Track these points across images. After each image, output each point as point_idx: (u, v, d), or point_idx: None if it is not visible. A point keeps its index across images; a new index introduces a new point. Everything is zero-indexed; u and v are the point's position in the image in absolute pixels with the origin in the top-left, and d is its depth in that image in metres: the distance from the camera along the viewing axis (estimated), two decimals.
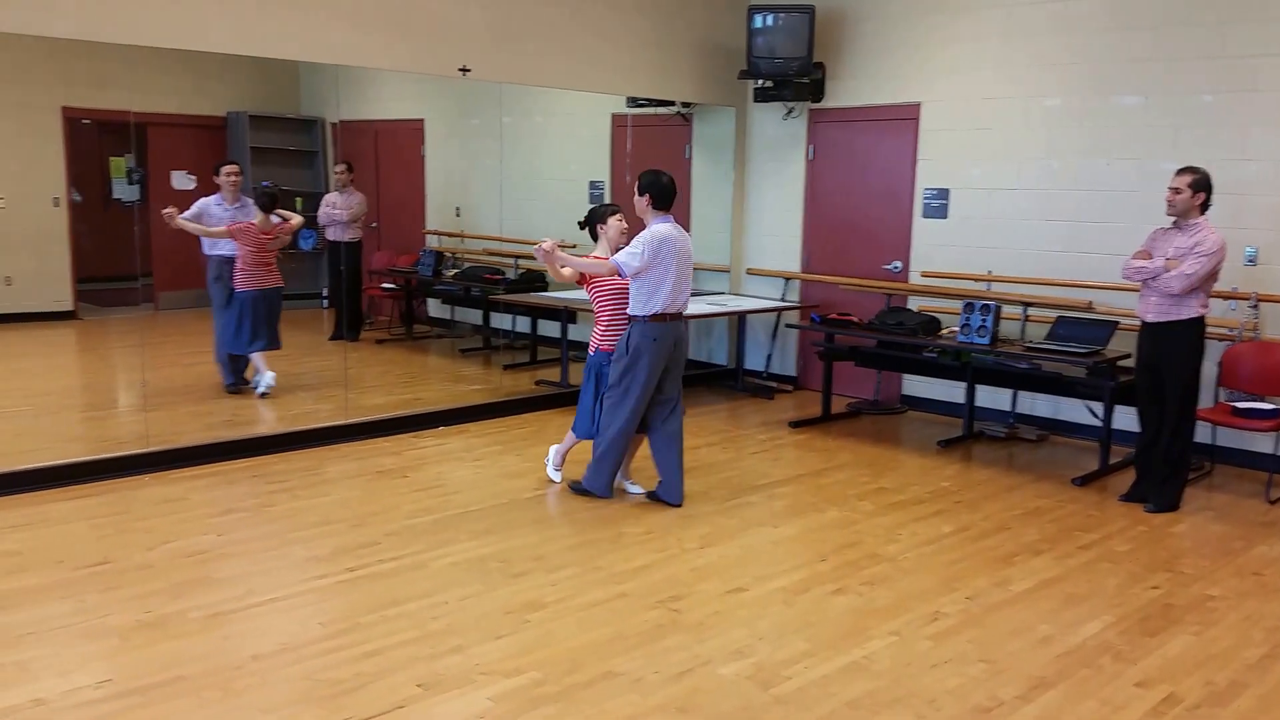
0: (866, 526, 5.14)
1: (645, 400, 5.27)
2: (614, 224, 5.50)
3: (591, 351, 5.50)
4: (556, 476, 5.70)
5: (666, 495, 5.39)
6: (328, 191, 8.98)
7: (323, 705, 3.26)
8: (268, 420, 6.84)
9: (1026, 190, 7.15)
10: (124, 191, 9.46)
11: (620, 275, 5.21)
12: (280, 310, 7.35)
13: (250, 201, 7.26)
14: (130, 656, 3.57)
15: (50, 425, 6.55)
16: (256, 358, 7.30)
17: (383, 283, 9.82)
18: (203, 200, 7.29)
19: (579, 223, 5.68)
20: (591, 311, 5.59)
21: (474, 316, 9.90)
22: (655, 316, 5.21)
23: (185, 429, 6.32)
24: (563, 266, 5.27)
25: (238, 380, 7.38)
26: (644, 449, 5.64)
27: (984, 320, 6.32)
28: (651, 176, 5.30)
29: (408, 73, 7.29)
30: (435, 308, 10.37)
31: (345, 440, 6.47)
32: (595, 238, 5.57)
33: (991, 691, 3.46)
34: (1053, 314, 6.67)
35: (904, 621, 4.00)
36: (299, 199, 9.70)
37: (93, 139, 9.17)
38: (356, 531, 4.88)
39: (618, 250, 5.34)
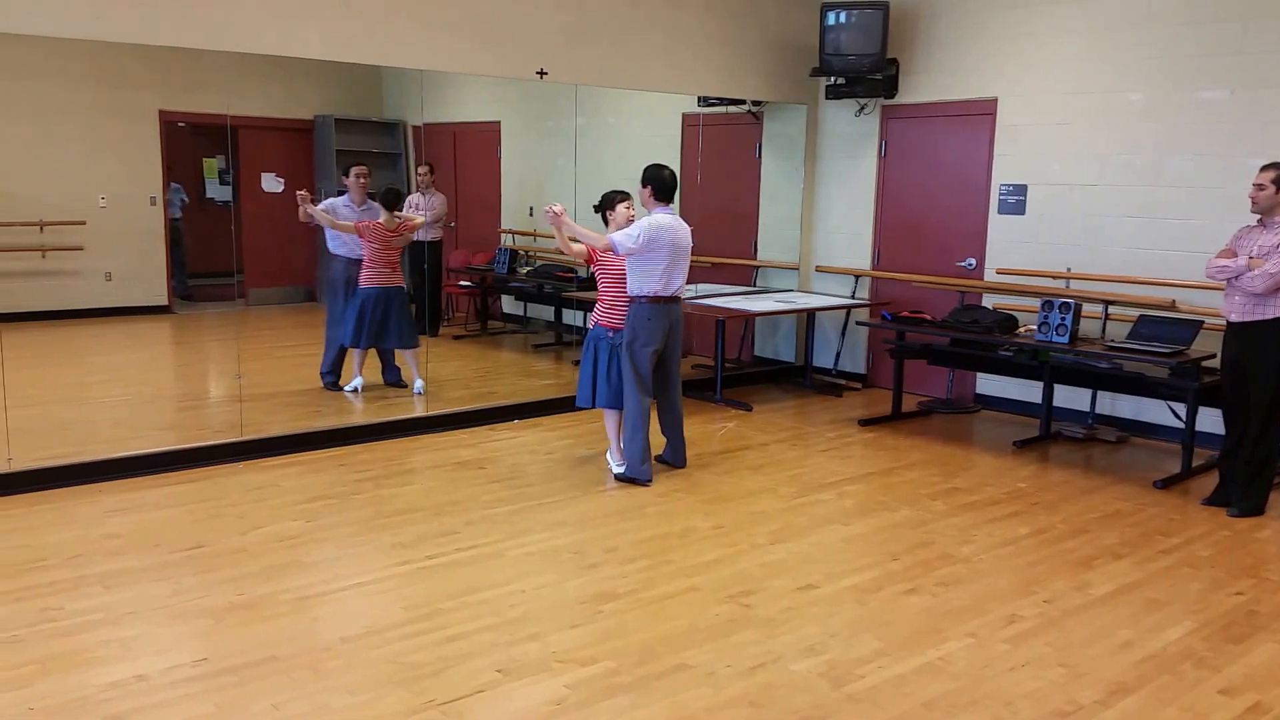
0: (940, 527, 5.13)
1: (649, 376, 5.68)
2: (621, 210, 5.78)
3: (591, 326, 5.87)
4: (619, 469, 5.83)
5: (673, 459, 5.95)
6: (410, 193, 9.18)
7: (407, 687, 3.37)
8: (352, 412, 7.04)
9: (1107, 186, 7.05)
10: (216, 191, 9.80)
11: (614, 252, 5.53)
12: (408, 309, 7.42)
13: (375, 205, 7.34)
14: (224, 636, 3.73)
15: (148, 415, 6.80)
16: (409, 362, 7.45)
17: (460, 280, 10.02)
18: (331, 200, 7.43)
19: (593, 206, 5.93)
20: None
21: (546, 313, 10.04)
22: (651, 298, 5.60)
23: (275, 419, 6.53)
24: (570, 237, 5.63)
25: (336, 379, 7.47)
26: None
27: (1063, 318, 6.25)
28: (654, 170, 5.71)
29: (487, 76, 7.44)
30: (509, 304, 10.55)
31: (425, 432, 6.63)
32: (606, 223, 5.85)
33: (1070, 696, 3.45)
34: (1134, 313, 6.57)
35: (980, 623, 4.00)
36: None
37: (187, 141, 9.50)
38: (437, 520, 5.02)
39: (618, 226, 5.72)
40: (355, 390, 7.38)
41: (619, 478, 5.73)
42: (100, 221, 7.76)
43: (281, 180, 8.88)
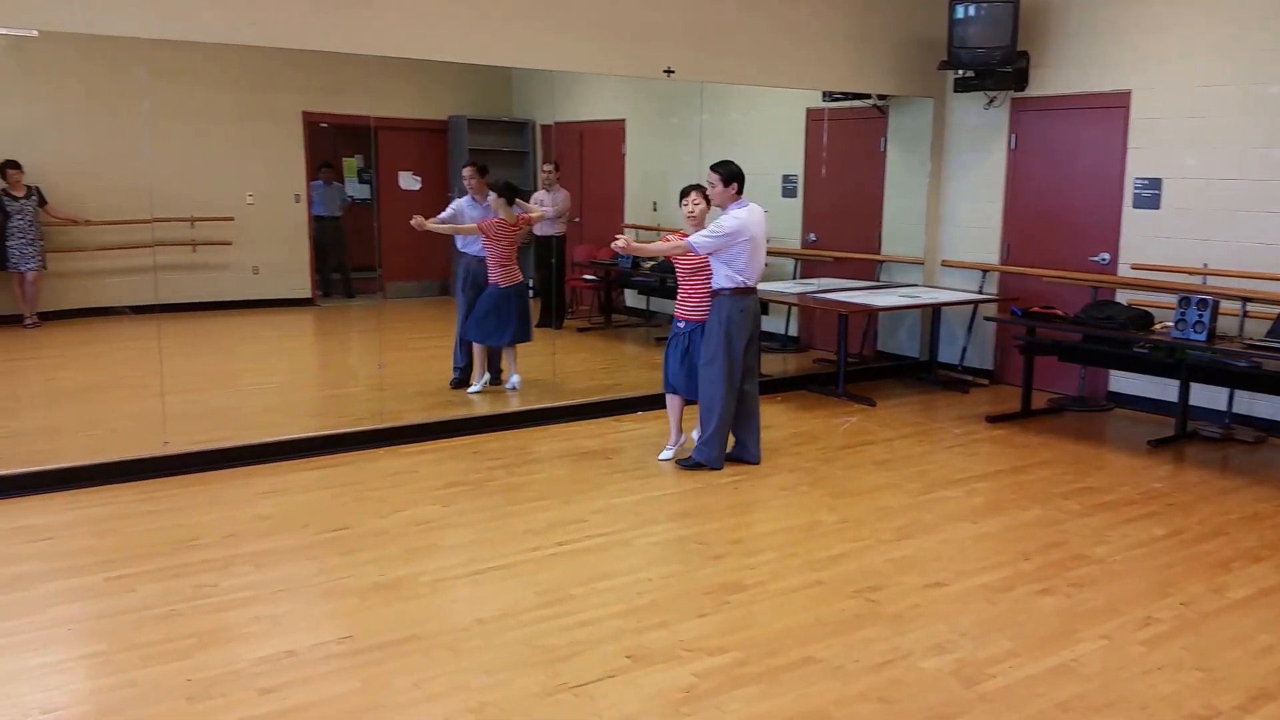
0: (1072, 526, 5.03)
1: (738, 368, 5.69)
2: (688, 203, 5.80)
3: (677, 318, 5.95)
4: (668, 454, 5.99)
5: (744, 455, 5.92)
6: (536, 190, 9.39)
7: (540, 670, 3.48)
8: (483, 402, 7.24)
9: (1247, 180, 6.76)
10: (355, 190, 10.23)
11: (695, 253, 5.58)
12: (529, 305, 7.47)
13: (489, 202, 7.35)
14: (368, 615, 3.90)
15: (294, 402, 7.14)
16: (484, 354, 7.48)
17: (584, 274, 10.20)
18: (456, 201, 7.53)
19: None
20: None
21: (668, 306, 10.11)
22: (739, 290, 5.63)
23: (410, 408, 6.78)
24: (645, 256, 5.72)
25: (465, 378, 7.56)
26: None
27: (1200, 315, 6.04)
28: (736, 168, 5.70)
29: (616, 76, 7.56)
30: (632, 298, 10.70)
31: (552, 422, 6.80)
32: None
33: (1208, 700, 3.36)
34: (1274, 310, 6.30)
35: (1114, 625, 3.92)
36: None
37: (329, 141, 9.93)
38: (566, 508, 5.15)
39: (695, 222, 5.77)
40: (515, 388, 7.47)
41: (685, 464, 5.81)
42: (247, 218, 8.20)
43: (418, 178, 9.22)
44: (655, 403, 7.30)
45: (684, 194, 5.83)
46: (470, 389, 7.43)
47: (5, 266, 9.20)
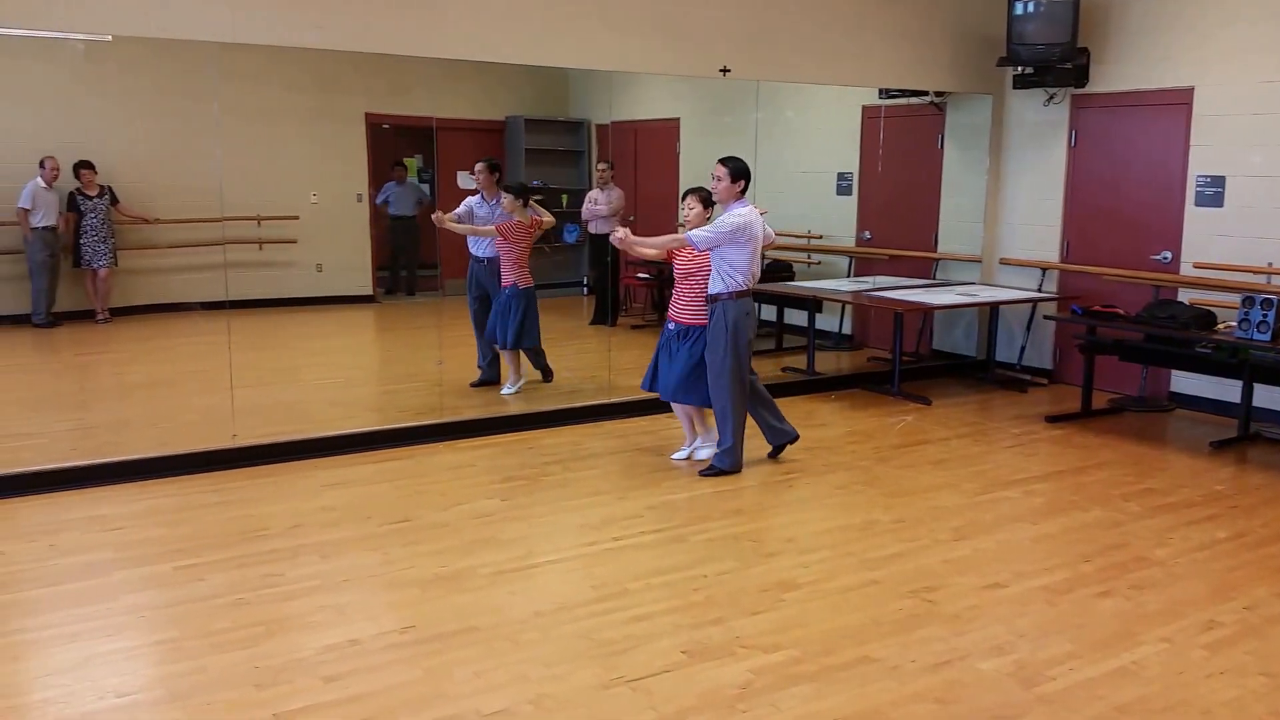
0: (1133, 528, 4.97)
1: (746, 372, 5.64)
2: (684, 207, 5.71)
3: (669, 322, 5.84)
4: (690, 454, 5.95)
5: (777, 439, 5.91)
6: (591, 188, 9.45)
7: (598, 663, 3.52)
8: (538, 398, 7.31)
9: None
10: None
11: (695, 248, 5.51)
12: (536, 309, 7.32)
13: (500, 202, 7.21)
14: (429, 606, 3.98)
15: (356, 396, 7.27)
16: (513, 357, 7.37)
17: (638, 273, 10.24)
18: (468, 200, 7.46)
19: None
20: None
21: None
22: (743, 292, 5.53)
23: (468, 403, 6.86)
24: (643, 249, 5.65)
25: (492, 377, 7.48)
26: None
27: (1265, 315, 5.93)
28: (745, 165, 5.58)
29: (672, 75, 7.59)
30: None
31: (606, 419, 6.86)
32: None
33: (1273, 706, 3.32)
34: None
35: (1176, 628, 3.88)
36: (565, 196, 10.33)
37: (390, 142, 10.09)
38: (620, 503, 5.20)
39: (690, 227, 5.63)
40: (516, 391, 7.33)
41: (707, 473, 5.67)
42: (312, 217, 8.39)
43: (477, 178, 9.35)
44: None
45: (682, 197, 5.76)
46: (504, 390, 7.35)
47: (78, 263, 9.48)
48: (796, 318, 8.90)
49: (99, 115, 9.49)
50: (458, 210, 7.44)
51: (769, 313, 9.46)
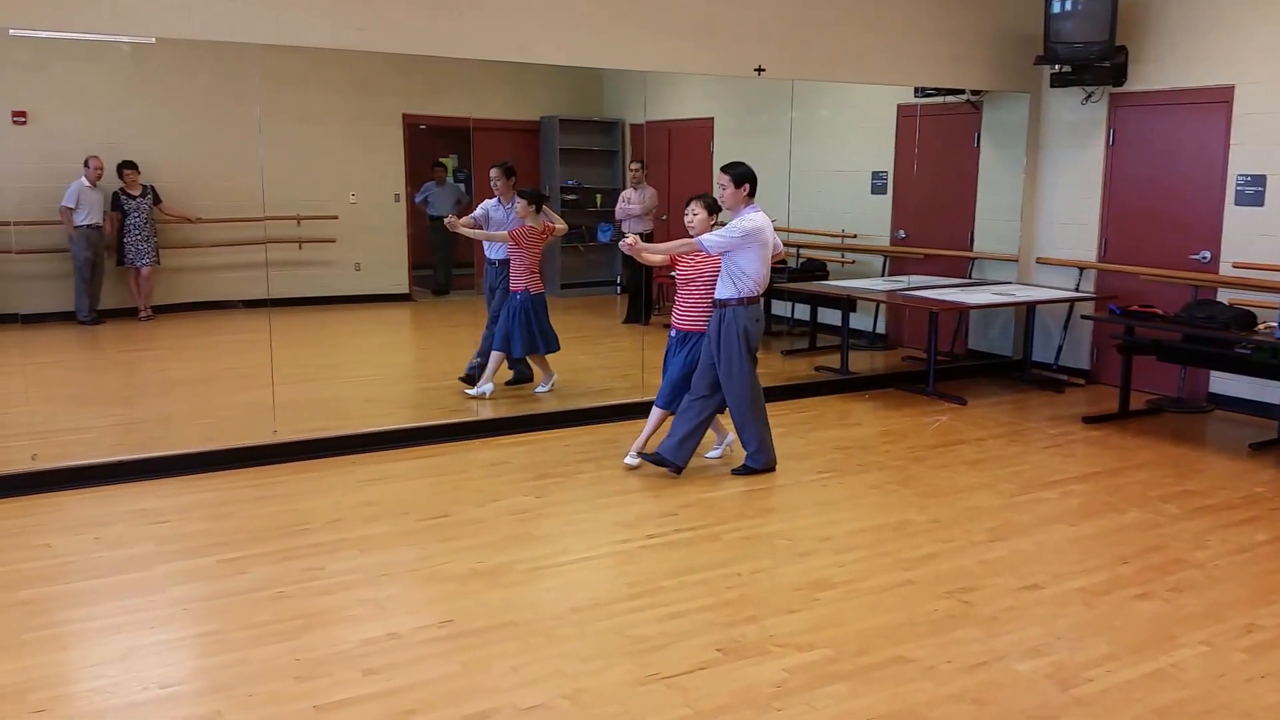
0: (1171, 530, 4.93)
1: (755, 373, 5.59)
2: (688, 213, 5.60)
3: (674, 328, 5.81)
4: (634, 461, 5.77)
5: (671, 459, 5.63)
6: (624, 188, 9.48)
7: (633, 659, 3.55)
8: (572, 397, 7.35)
9: None
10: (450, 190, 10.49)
11: (703, 250, 5.41)
12: (544, 315, 7.20)
13: (515, 206, 7.10)
14: (467, 601, 4.02)
15: (393, 393, 7.34)
16: (540, 360, 7.32)
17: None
18: (484, 203, 7.35)
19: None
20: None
21: None
22: (749, 299, 5.45)
23: (504, 400, 6.90)
24: (649, 255, 5.61)
25: (525, 375, 7.45)
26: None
27: None
28: (748, 169, 5.50)
29: (707, 75, 7.61)
30: None
31: (639, 417, 6.78)
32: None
33: None
34: None
35: (1215, 631, 3.85)
36: (598, 195, 10.38)
37: (426, 142, 10.19)
38: (655, 501, 5.22)
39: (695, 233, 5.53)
40: (549, 389, 7.29)
41: (736, 472, 5.66)
42: (350, 216, 8.51)
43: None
44: None
45: (686, 204, 5.67)
46: (538, 389, 7.32)
47: (122, 262, 9.66)
48: (830, 317, 8.88)
49: (143, 116, 9.67)
50: (474, 213, 7.40)
51: (802, 312, 9.46)
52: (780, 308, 9.69)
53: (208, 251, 9.71)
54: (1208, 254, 7.36)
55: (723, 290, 5.49)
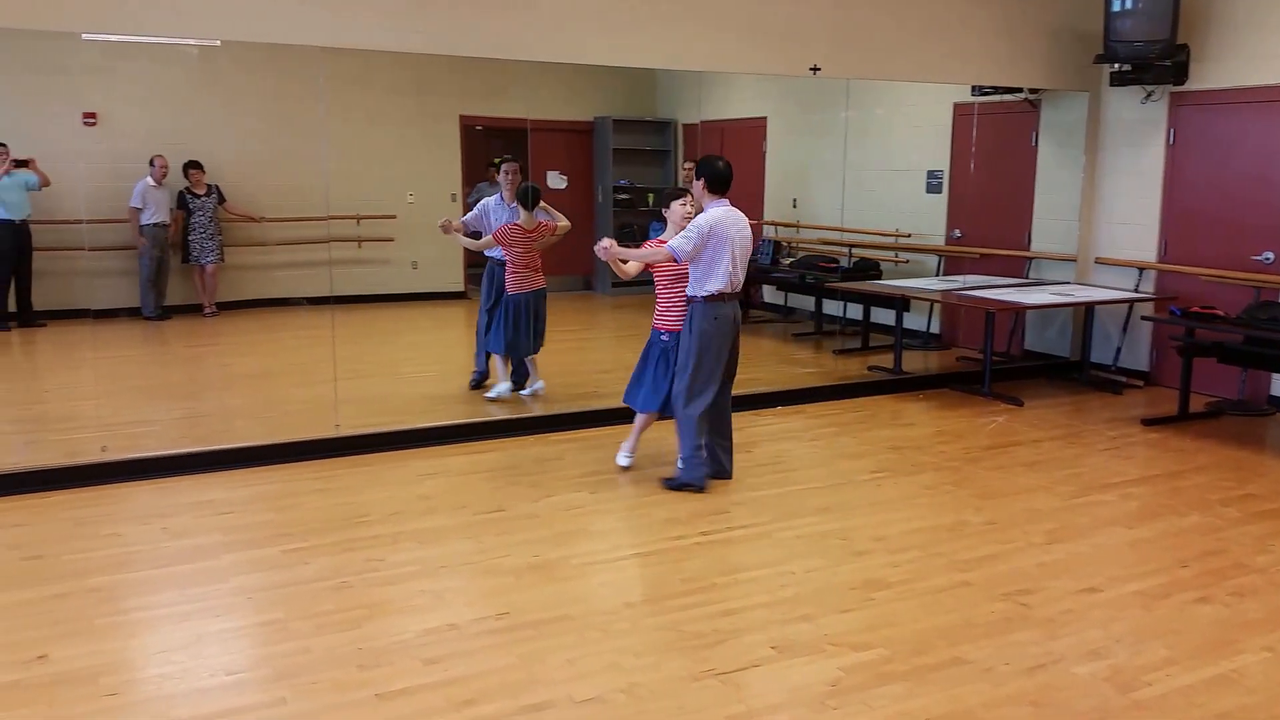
0: (1233, 534, 4.86)
1: (716, 379, 5.31)
2: (676, 208, 5.43)
3: (654, 329, 5.59)
4: (625, 461, 5.70)
5: (715, 469, 5.49)
6: (678, 184, 9.48)
7: (687, 655, 3.57)
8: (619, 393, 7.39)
9: None
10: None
11: (676, 261, 5.24)
12: (545, 313, 7.07)
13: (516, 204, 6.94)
14: (523, 594, 4.07)
15: (450, 389, 7.38)
16: (528, 363, 7.18)
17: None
18: (485, 200, 7.15)
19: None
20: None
21: (807, 303, 10.13)
22: (713, 297, 5.24)
23: (558, 397, 6.94)
24: (624, 262, 5.34)
25: (482, 379, 7.33)
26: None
27: None
28: (708, 161, 5.32)
29: (762, 75, 7.61)
30: (770, 294, 10.73)
31: None
32: (665, 222, 5.58)
33: None
34: None
35: (1278, 637, 3.79)
36: (650, 195, 10.42)
37: (482, 142, 10.31)
38: (707, 499, 5.24)
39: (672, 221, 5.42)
40: (499, 398, 7.03)
41: (670, 484, 5.38)
42: (408, 216, 8.65)
43: (564, 177, 9.49)
44: (793, 398, 7.36)
45: (667, 200, 5.53)
46: (489, 393, 7.11)
47: (187, 259, 9.89)
48: (883, 316, 8.84)
49: (208, 116, 9.89)
50: (472, 211, 7.18)
51: (854, 311, 9.42)
52: (832, 307, 9.66)
53: (271, 250, 9.91)
54: (1270, 255, 7.22)
55: (689, 286, 5.33)
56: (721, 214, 5.23)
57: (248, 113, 9.92)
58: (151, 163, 9.53)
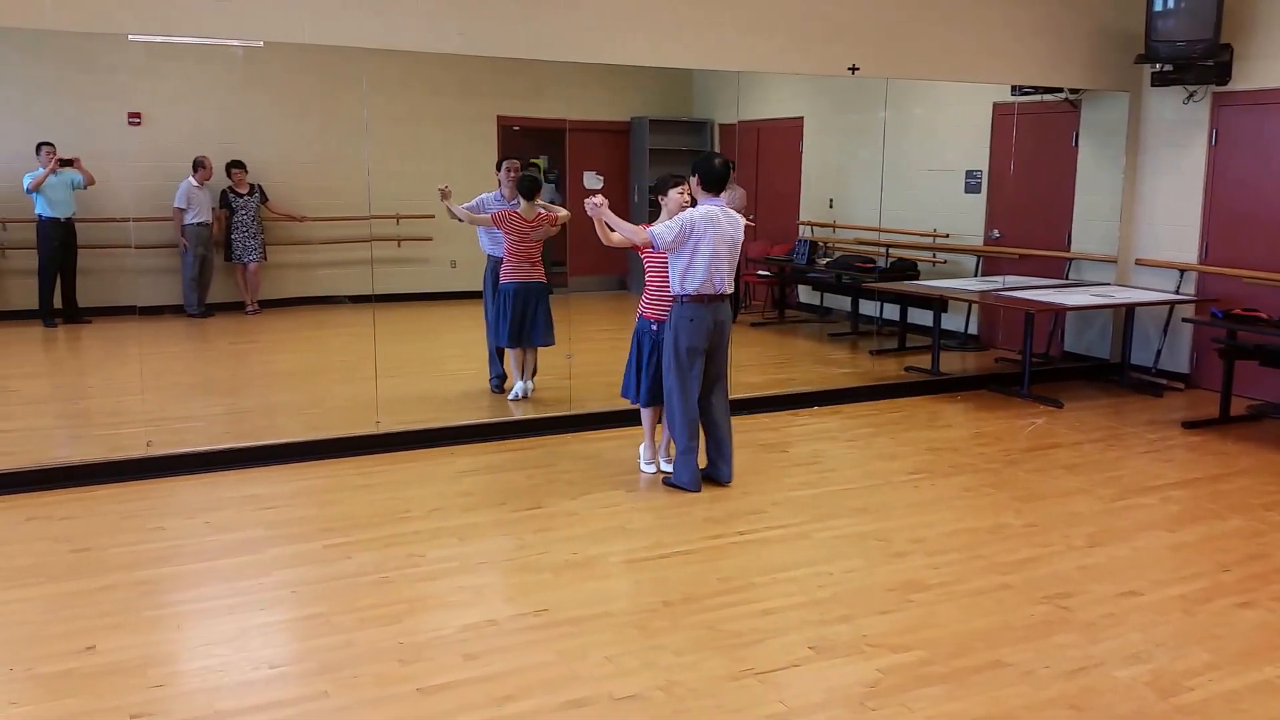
0: (1275, 539, 4.80)
1: (693, 380, 5.26)
2: (674, 195, 5.36)
3: (639, 318, 5.54)
4: (650, 469, 5.66)
5: (715, 474, 5.45)
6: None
7: (725, 654, 3.58)
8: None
9: None
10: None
11: (653, 247, 5.18)
12: (548, 307, 7.00)
13: (518, 202, 6.93)
14: (562, 591, 4.10)
15: (489, 387, 7.44)
16: (517, 358, 7.11)
17: (759, 270, 10.28)
18: (483, 195, 7.12)
19: (650, 186, 5.59)
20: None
21: (843, 303, 10.11)
22: (691, 297, 5.17)
23: (596, 396, 6.93)
24: (608, 226, 5.29)
25: (501, 381, 7.31)
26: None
27: None
28: (704, 159, 5.28)
29: (800, 74, 7.61)
30: (806, 294, 10.71)
31: (734, 412, 6.89)
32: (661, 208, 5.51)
33: None
34: None
35: None
36: None
37: (519, 143, 10.38)
38: (746, 499, 5.25)
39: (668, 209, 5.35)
40: (518, 397, 7.03)
41: (667, 482, 5.43)
42: (446, 215, 8.66)
43: (600, 177, 9.54)
44: (830, 398, 7.34)
45: (664, 187, 5.44)
46: (510, 395, 7.12)
47: (230, 258, 10.04)
48: (920, 317, 8.80)
49: (251, 117, 10.02)
50: (472, 202, 7.13)
51: (891, 311, 9.39)
52: (868, 307, 9.63)
53: (313, 248, 10.03)
54: None
55: (670, 282, 5.27)
56: (707, 212, 5.15)
57: (290, 113, 10.05)
58: (198, 165, 9.66)
